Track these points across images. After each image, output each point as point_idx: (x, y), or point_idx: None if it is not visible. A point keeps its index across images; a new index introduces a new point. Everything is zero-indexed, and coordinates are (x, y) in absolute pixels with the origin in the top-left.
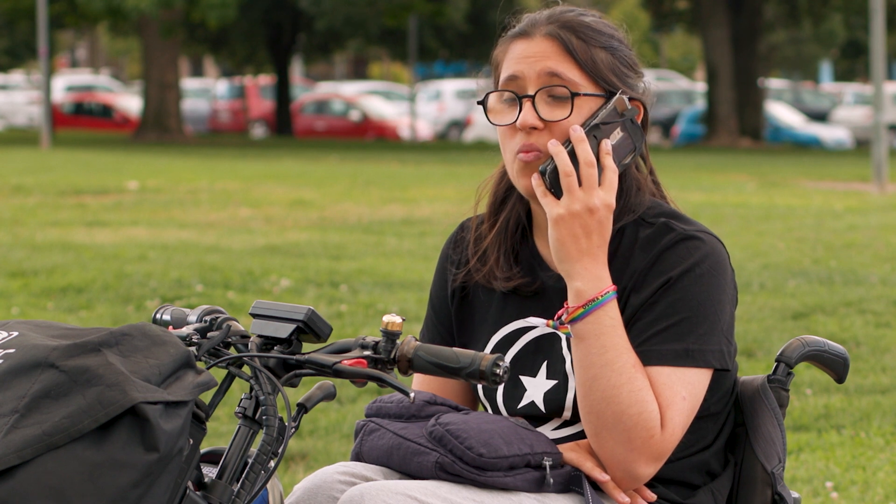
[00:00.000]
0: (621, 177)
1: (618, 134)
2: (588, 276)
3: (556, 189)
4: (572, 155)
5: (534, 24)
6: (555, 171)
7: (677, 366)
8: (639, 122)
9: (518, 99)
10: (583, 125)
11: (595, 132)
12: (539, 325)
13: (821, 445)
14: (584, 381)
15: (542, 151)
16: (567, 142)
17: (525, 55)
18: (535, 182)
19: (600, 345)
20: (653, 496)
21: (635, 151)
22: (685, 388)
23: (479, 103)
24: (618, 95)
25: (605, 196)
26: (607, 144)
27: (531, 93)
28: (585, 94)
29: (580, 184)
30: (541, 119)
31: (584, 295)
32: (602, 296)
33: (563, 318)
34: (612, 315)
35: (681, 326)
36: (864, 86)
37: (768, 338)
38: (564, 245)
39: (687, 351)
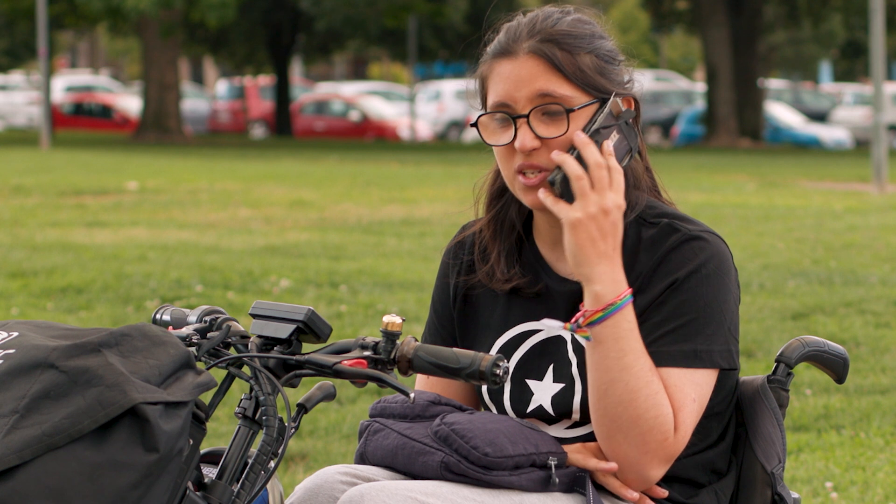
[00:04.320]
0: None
1: (615, 136)
2: (606, 279)
3: (567, 196)
4: (579, 160)
5: (515, 40)
6: (564, 178)
7: (686, 367)
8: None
9: (512, 120)
10: (583, 131)
11: (596, 137)
12: (544, 329)
13: (820, 446)
14: (600, 385)
15: (544, 170)
16: (571, 149)
17: (512, 78)
18: (544, 195)
19: (619, 348)
20: (664, 492)
21: (632, 152)
22: (694, 389)
23: (472, 125)
24: (612, 99)
25: (617, 197)
26: (609, 146)
27: (524, 112)
28: (580, 108)
29: (592, 186)
30: (538, 138)
31: (603, 299)
32: (620, 299)
33: (580, 321)
34: (629, 318)
35: (688, 327)
36: (864, 86)
37: (768, 338)
38: (583, 249)
39: (695, 352)
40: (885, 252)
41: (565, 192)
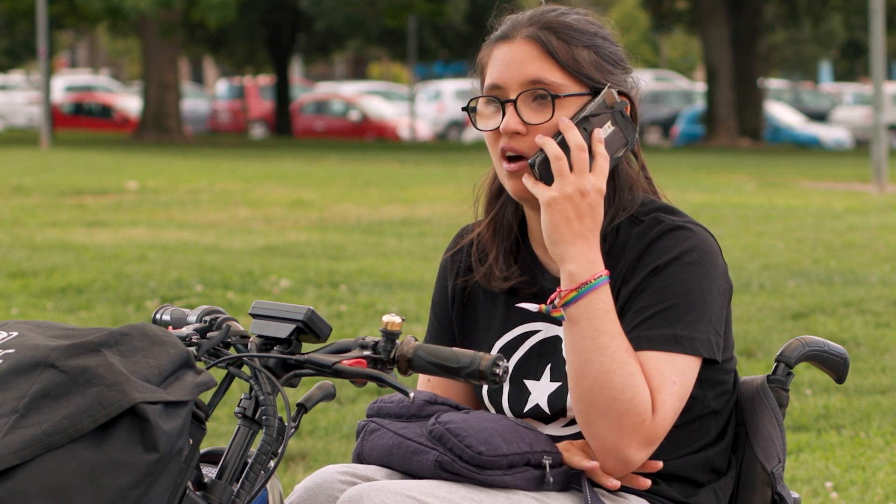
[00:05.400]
0: (614, 174)
1: (609, 127)
2: (581, 259)
3: (546, 178)
4: (562, 144)
5: (515, 27)
6: (544, 161)
7: (666, 351)
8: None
9: (501, 104)
10: (571, 118)
11: (585, 124)
12: (542, 329)
13: (820, 445)
14: (576, 367)
15: (526, 157)
16: (557, 134)
17: (506, 60)
18: (525, 178)
19: (593, 328)
20: (658, 464)
21: (627, 145)
22: (675, 373)
23: (463, 109)
24: (606, 89)
25: (597, 181)
26: (599, 133)
27: (513, 97)
28: (568, 95)
29: (571, 169)
30: (524, 123)
31: (578, 278)
32: (595, 279)
33: (555, 301)
34: (604, 299)
35: (669, 313)
36: (864, 86)
37: (768, 338)
38: (557, 228)
39: (675, 336)
40: (885, 252)
41: (545, 175)
